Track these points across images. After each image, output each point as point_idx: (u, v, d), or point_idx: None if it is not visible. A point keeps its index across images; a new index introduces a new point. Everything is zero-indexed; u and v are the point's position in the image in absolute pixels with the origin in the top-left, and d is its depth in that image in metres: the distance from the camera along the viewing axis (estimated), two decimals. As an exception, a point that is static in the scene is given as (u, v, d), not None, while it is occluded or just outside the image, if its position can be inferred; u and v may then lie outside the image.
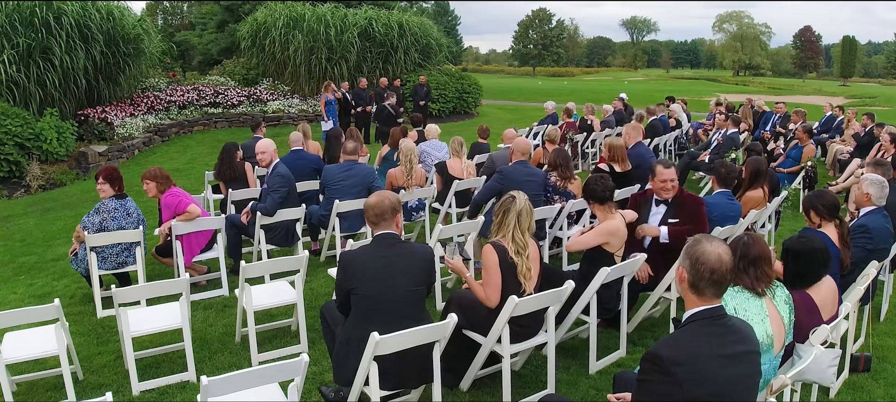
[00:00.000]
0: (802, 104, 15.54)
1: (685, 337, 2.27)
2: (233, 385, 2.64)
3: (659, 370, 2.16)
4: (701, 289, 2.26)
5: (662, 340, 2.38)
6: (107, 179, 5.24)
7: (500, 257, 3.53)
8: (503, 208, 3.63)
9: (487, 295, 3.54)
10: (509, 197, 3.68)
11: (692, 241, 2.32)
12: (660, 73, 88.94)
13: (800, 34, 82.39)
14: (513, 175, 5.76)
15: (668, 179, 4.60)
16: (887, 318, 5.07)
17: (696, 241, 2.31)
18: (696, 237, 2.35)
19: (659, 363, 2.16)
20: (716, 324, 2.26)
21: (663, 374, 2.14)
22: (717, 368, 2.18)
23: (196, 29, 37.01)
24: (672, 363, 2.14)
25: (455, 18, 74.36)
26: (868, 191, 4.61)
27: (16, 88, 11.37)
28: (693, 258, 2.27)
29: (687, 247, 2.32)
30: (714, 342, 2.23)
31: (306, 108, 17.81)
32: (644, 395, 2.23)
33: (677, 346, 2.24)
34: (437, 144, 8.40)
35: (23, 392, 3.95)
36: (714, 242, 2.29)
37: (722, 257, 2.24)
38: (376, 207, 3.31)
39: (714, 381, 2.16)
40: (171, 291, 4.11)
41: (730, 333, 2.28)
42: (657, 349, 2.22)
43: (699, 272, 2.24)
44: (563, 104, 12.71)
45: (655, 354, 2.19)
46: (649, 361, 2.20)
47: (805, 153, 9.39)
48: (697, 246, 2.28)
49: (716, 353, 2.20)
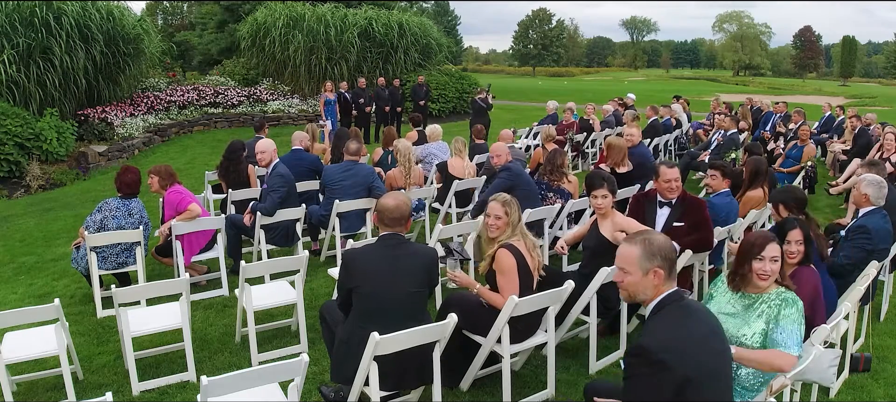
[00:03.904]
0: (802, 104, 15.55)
1: (663, 324, 2.33)
2: (233, 385, 2.64)
3: (647, 361, 2.19)
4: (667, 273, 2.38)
5: (643, 334, 2.41)
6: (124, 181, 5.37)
7: (517, 260, 3.55)
8: (507, 209, 3.65)
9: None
10: (503, 197, 3.71)
11: (637, 239, 2.42)
12: (660, 73, 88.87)
13: (800, 34, 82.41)
14: (522, 173, 5.81)
15: (672, 180, 4.59)
16: (887, 318, 5.07)
17: (635, 239, 2.43)
18: (628, 238, 2.47)
19: (646, 355, 2.19)
20: (682, 306, 2.36)
21: (652, 364, 2.17)
22: (699, 345, 2.26)
23: (196, 29, 37.01)
24: (659, 351, 2.18)
25: (455, 18, 74.36)
26: (866, 192, 4.61)
27: (16, 88, 11.37)
28: (650, 250, 2.37)
29: (635, 245, 2.41)
30: (689, 322, 2.32)
31: (306, 108, 17.82)
32: (636, 392, 2.25)
33: (658, 333, 2.30)
34: (442, 146, 8.40)
35: (23, 392, 3.95)
36: (650, 231, 2.52)
37: (667, 239, 2.43)
38: (395, 211, 3.31)
39: (699, 358, 2.23)
40: (171, 291, 4.11)
41: (698, 312, 2.40)
42: (641, 343, 2.25)
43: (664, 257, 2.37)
44: (564, 104, 12.72)
45: (640, 347, 2.23)
46: (635, 355, 2.24)
47: (805, 153, 9.39)
48: (645, 237, 2.42)
49: (694, 331, 2.29)
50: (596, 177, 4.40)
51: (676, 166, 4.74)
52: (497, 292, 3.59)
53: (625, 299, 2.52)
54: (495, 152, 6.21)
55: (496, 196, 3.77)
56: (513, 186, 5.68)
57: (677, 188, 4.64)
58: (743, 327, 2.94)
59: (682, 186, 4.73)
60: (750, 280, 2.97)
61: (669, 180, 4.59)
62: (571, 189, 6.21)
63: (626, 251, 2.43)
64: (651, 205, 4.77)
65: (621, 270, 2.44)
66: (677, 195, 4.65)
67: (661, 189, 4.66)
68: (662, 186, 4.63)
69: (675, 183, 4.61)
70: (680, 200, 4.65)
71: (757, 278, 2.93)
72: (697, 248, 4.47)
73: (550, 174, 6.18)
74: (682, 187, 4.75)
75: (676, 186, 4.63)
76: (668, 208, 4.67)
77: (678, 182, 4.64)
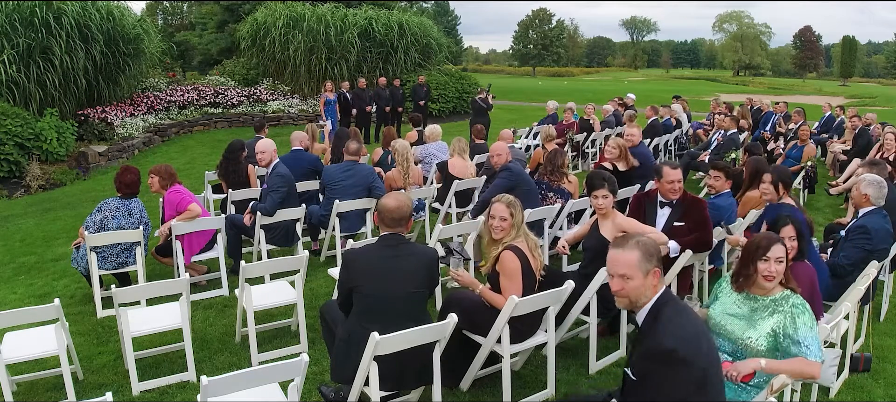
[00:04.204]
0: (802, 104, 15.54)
1: (673, 321, 2.33)
2: (233, 385, 2.64)
3: (671, 360, 2.20)
4: (662, 271, 2.42)
5: (653, 335, 2.37)
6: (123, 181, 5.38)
7: (521, 262, 3.56)
8: (512, 211, 3.65)
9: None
10: (507, 198, 3.70)
11: (629, 243, 2.44)
12: (660, 73, 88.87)
13: (800, 34, 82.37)
14: (522, 173, 5.82)
15: (675, 180, 4.59)
16: (887, 318, 5.07)
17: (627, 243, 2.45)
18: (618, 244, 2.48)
19: (670, 354, 2.21)
20: (677, 301, 2.42)
21: (676, 363, 2.20)
22: (705, 336, 2.33)
23: (196, 29, 37.01)
24: (680, 348, 2.21)
25: (455, 18, 74.36)
26: (866, 192, 4.61)
27: (16, 88, 11.37)
28: (647, 251, 2.40)
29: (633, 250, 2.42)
30: (690, 316, 2.38)
31: (306, 108, 17.81)
32: (657, 393, 2.24)
33: (674, 331, 2.29)
34: (441, 146, 8.39)
35: (23, 392, 3.95)
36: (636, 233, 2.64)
37: (651, 237, 2.57)
38: (396, 211, 3.31)
39: (709, 350, 2.28)
40: (171, 291, 4.11)
41: (690, 308, 2.46)
42: (662, 343, 2.25)
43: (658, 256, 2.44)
44: (564, 104, 12.72)
45: (664, 347, 2.23)
46: (658, 357, 2.23)
47: (805, 153, 9.39)
48: (638, 239, 2.45)
49: (697, 324, 2.36)
50: (597, 177, 4.39)
51: (679, 167, 4.73)
52: (499, 293, 3.60)
53: (624, 306, 2.46)
54: (495, 152, 6.21)
55: (500, 197, 3.77)
56: (513, 185, 5.68)
57: (679, 189, 4.64)
58: (748, 330, 2.91)
59: (683, 186, 4.73)
60: (755, 281, 2.95)
61: (673, 181, 4.59)
62: (571, 189, 6.21)
63: (624, 257, 2.40)
64: (651, 205, 4.77)
65: (621, 277, 2.39)
66: (679, 196, 4.65)
67: (664, 190, 4.65)
68: (665, 186, 4.63)
69: (678, 184, 4.62)
70: (680, 200, 4.65)
71: (762, 279, 2.91)
72: (697, 248, 4.47)
73: (551, 174, 6.18)
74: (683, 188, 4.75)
75: (679, 188, 4.63)
76: (669, 209, 4.67)
77: (681, 183, 4.65)
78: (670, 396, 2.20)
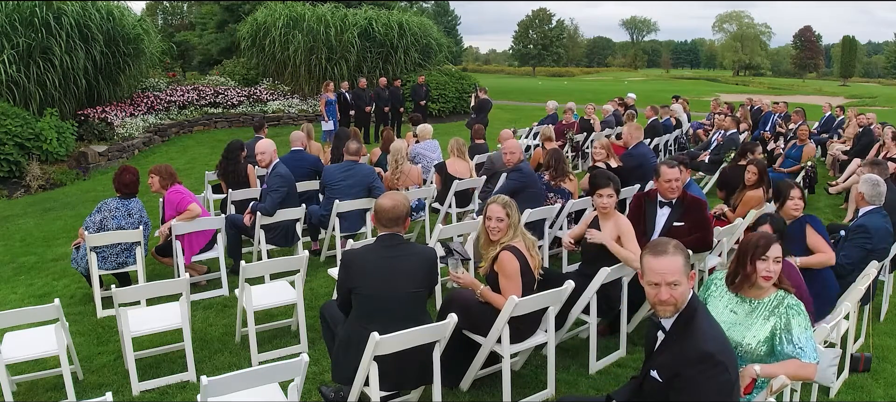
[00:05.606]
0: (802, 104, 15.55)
1: (706, 325, 2.37)
2: (233, 385, 2.64)
3: (707, 363, 2.23)
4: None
5: (694, 338, 2.33)
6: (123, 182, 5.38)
7: (520, 263, 3.56)
8: (508, 211, 3.65)
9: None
10: (503, 199, 3.70)
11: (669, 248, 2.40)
12: (660, 73, 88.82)
13: (800, 34, 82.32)
14: (532, 174, 5.87)
15: (672, 179, 4.59)
16: (887, 318, 5.07)
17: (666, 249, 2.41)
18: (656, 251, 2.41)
19: (711, 359, 2.24)
20: (702, 304, 2.45)
21: (716, 366, 2.23)
22: (730, 345, 2.40)
23: (196, 29, 36.96)
24: (717, 352, 2.26)
25: (455, 18, 74.35)
26: (861, 190, 4.61)
27: (16, 88, 11.37)
28: (686, 255, 2.43)
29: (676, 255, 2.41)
30: (719, 325, 2.44)
31: (306, 108, 17.81)
32: (692, 395, 2.26)
33: (713, 334, 2.35)
34: (431, 145, 8.34)
35: (23, 392, 3.95)
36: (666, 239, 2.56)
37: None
38: (391, 211, 3.30)
39: (734, 359, 2.35)
40: (171, 291, 4.11)
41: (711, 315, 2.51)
42: (705, 348, 2.27)
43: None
44: (564, 104, 12.72)
45: (706, 352, 2.26)
46: (701, 362, 2.25)
47: (805, 153, 9.39)
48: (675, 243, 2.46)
49: (724, 334, 2.43)
50: (602, 176, 4.38)
51: (678, 166, 4.74)
52: (498, 293, 3.60)
53: (669, 314, 2.39)
54: (509, 150, 6.13)
55: (495, 198, 3.76)
56: (524, 186, 5.69)
57: (678, 188, 4.64)
58: (746, 334, 2.86)
59: (682, 186, 4.73)
60: (753, 281, 2.88)
61: (670, 180, 4.60)
62: (572, 189, 6.21)
63: (672, 264, 2.34)
64: (652, 205, 4.77)
65: (671, 285, 2.33)
66: (678, 195, 4.66)
67: (662, 189, 4.66)
68: (663, 185, 4.63)
69: (676, 183, 4.62)
70: (680, 200, 4.65)
71: (761, 279, 2.86)
72: (697, 248, 4.47)
73: (555, 173, 6.17)
74: (682, 188, 4.76)
75: (677, 186, 4.63)
76: (669, 208, 4.67)
77: (679, 182, 4.65)
78: (707, 398, 2.21)
